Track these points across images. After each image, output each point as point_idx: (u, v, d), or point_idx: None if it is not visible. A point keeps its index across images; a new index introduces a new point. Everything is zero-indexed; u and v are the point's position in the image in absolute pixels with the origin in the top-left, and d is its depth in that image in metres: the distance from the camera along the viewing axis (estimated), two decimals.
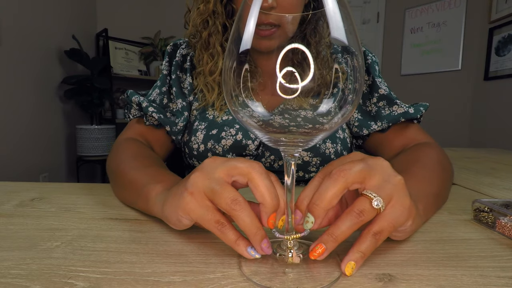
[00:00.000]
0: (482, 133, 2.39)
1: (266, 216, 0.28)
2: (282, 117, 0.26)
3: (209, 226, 0.28)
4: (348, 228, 0.26)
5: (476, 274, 0.27)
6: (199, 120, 0.61)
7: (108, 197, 0.48)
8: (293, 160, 0.28)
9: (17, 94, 2.00)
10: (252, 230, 0.26)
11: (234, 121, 0.59)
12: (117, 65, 2.82)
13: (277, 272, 0.27)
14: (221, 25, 0.58)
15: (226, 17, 0.58)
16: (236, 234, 0.28)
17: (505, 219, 0.35)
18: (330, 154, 0.59)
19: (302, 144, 0.27)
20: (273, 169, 0.60)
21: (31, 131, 2.12)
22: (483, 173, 0.76)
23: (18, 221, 0.38)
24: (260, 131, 0.26)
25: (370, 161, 0.28)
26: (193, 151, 0.60)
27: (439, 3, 2.55)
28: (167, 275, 0.26)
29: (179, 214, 0.29)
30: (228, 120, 0.59)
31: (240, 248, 0.27)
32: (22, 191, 0.51)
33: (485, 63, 2.34)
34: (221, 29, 0.58)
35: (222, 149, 0.58)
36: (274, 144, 0.27)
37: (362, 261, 0.27)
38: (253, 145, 0.57)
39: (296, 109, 0.26)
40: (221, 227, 0.27)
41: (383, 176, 0.28)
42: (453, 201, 0.49)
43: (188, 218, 0.29)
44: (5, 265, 0.27)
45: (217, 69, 0.58)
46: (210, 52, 0.59)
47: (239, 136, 0.57)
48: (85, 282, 0.25)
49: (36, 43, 2.13)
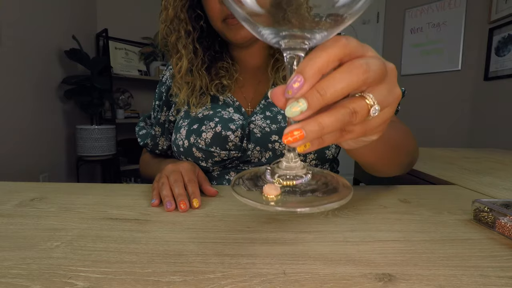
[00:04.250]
0: (482, 133, 2.39)
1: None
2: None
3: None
4: (336, 121, 0.21)
5: (476, 274, 0.27)
6: (183, 118, 0.64)
7: (108, 197, 0.48)
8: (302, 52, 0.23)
9: (17, 94, 1.99)
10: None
11: (214, 115, 0.61)
12: (117, 65, 2.81)
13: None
14: (185, 31, 0.60)
15: (190, 21, 0.61)
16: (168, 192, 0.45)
17: (505, 219, 0.35)
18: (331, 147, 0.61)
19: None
20: (261, 164, 0.60)
21: (31, 131, 2.12)
22: (483, 173, 0.76)
23: (18, 221, 0.38)
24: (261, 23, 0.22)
25: (387, 63, 0.24)
26: (180, 148, 0.62)
27: (439, 3, 2.55)
28: (167, 275, 0.26)
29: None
30: (209, 114, 0.61)
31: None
32: (22, 191, 0.51)
33: (485, 63, 2.34)
34: (184, 34, 0.61)
35: (204, 143, 0.59)
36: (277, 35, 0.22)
37: (316, 142, 0.23)
38: (233, 136, 0.58)
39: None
40: (162, 185, 0.46)
41: (391, 85, 0.24)
42: (453, 201, 0.49)
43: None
44: (5, 265, 0.27)
45: (183, 68, 0.61)
46: (178, 56, 0.62)
47: (218, 128, 0.59)
48: (85, 282, 0.25)
49: (36, 43, 2.13)
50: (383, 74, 0.22)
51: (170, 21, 0.60)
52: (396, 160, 0.48)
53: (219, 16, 0.56)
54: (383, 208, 0.45)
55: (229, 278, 0.26)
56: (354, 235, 0.35)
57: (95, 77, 2.38)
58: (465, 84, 2.49)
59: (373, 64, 0.21)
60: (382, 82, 0.23)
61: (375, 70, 0.21)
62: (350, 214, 0.41)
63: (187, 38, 0.61)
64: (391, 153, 0.45)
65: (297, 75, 0.21)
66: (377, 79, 0.22)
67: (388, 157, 0.45)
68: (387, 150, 0.44)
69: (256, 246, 0.32)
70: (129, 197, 0.48)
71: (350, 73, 0.21)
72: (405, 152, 0.50)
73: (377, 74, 0.22)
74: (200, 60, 0.62)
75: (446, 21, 2.53)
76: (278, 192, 0.23)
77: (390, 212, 0.43)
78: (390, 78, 0.24)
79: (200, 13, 0.61)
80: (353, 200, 0.48)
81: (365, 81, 0.21)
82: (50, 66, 2.29)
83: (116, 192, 0.51)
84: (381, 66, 0.22)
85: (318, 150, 0.59)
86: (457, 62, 2.49)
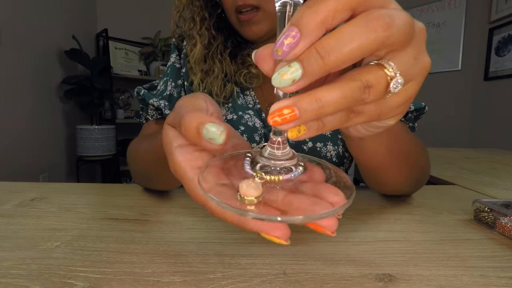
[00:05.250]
0: (482, 133, 2.39)
1: None
2: None
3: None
4: (342, 98, 0.16)
5: (476, 274, 0.27)
6: None
7: (108, 197, 0.48)
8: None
9: (17, 94, 1.99)
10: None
11: (238, 122, 0.56)
12: (117, 65, 2.81)
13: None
14: (200, 17, 0.57)
15: (206, 7, 0.57)
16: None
17: (505, 219, 0.35)
18: (332, 157, 0.57)
19: None
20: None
21: (31, 131, 2.12)
22: (483, 173, 0.76)
23: (18, 221, 0.38)
24: None
25: (415, 21, 0.17)
26: None
27: (439, 3, 2.55)
28: (167, 275, 0.26)
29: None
30: (233, 120, 0.56)
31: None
32: (22, 191, 0.51)
33: (485, 63, 2.34)
34: (199, 20, 0.57)
35: None
36: None
37: (315, 126, 0.17)
38: (258, 148, 0.55)
39: None
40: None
41: (418, 51, 0.18)
42: (453, 201, 0.49)
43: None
44: (5, 265, 0.27)
45: (196, 54, 0.57)
46: (193, 42, 0.58)
47: (244, 139, 0.55)
48: (85, 282, 0.25)
49: (36, 43, 2.13)
50: (409, 34, 0.16)
51: (184, 7, 0.57)
52: (404, 169, 0.41)
53: (232, 6, 0.53)
54: (383, 208, 0.44)
55: (229, 278, 0.26)
56: (355, 235, 0.35)
57: (95, 77, 2.38)
58: (465, 84, 2.49)
59: (397, 18, 0.15)
60: (407, 46, 0.17)
61: (400, 27, 0.15)
62: (350, 214, 0.41)
63: (202, 24, 0.57)
64: (399, 158, 0.38)
65: (291, 27, 0.15)
66: (402, 41, 0.16)
67: (396, 162, 0.38)
68: (396, 152, 0.36)
69: (256, 246, 0.32)
70: (129, 197, 0.48)
71: (365, 29, 0.15)
72: (415, 162, 0.43)
73: (402, 33, 0.16)
74: (219, 45, 0.57)
75: (446, 21, 2.52)
76: (259, 191, 0.18)
77: (390, 212, 0.43)
78: (418, 42, 0.17)
79: (218, 1, 0.58)
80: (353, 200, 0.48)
81: (385, 42, 0.15)
82: (50, 66, 2.29)
83: (116, 192, 0.51)
84: (408, 22, 0.16)
85: (320, 155, 0.55)
86: (457, 62, 2.49)
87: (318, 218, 0.17)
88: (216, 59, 0.57)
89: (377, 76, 0.16)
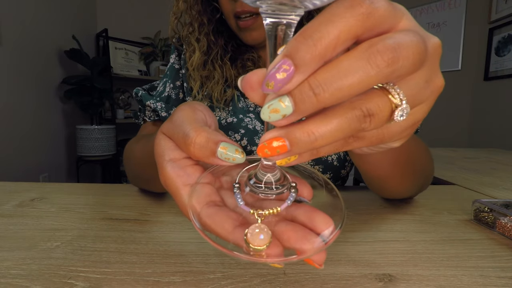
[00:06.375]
0: (482, 133, 2.39)
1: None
2: None
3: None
4: (337, 131, 0.14)
5: (476, 274, 0.27)
6: None
7: (108, 197, 0.48)
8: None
9: (17, 94, 2.00)
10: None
11: (239, 125, 0.56)
12: (117, 65, 2.81)
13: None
14: (198, 23, 0.56)
15: (205, 13, 0.57)
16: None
17: (505, 219, 0.35)
18: (333, 161, 0.56)
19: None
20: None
21: (31, 131, 2.12)
22: (483, 173, 0.76)
23: (18, 221, 0.38)
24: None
25: (429, 37, 0.16)
26: None
27: (439, 3, 2.55)
28: (167, 275, 0.26)
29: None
30: (233, 123, 0.56)
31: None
32: (22, 191, 0.51)
33: (485, 63, 2.34)
34: (197, 26, 0.56)
35: None
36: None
37: (307, 154, 0.17)
38: None
39: None
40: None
41: (431, 72, 0.16)
42: (453, 201, 0.49)
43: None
44: (5, 265, 0.27)
45: (195, 61, 0.56)
46: (191, 49, 0.57)
47: (244, 142, 0.55)
48: (85, 282, 0.25)
49: (36, 43, 2.13)
50: (419, 62, 0.14)
51: (182, 13, 0.56)
52: (409, 177, 0.39)
53: (231, 12, 0.53)
54: (383, 208, 0.44)
55: (229, 278, 0.26)
56: (354, 235, 0.35)
57: (95, 77, 2.38)
58: (465, 84, 2.49)
59: (405, 47, 0.14)
60: (418, 70, 0.15)
61: (408, 58, 0.14)
62: (350, 214, 0.41)
63: (200, 30, 0.56)
64: (405, 167, 0.37)
65: (285, 59, 0.13)
66: (410, 72, 0.14)
67: (401, 171, 0.37)
68: (401, 162, 0.35)
69: None
70: (129, 197, 0.48)
71: (366, 63, 0.13)
72: (421, 170, 0.42)
73: (411, 64, 0.14)
74: (218, 50, 0.57)
75: (446, 21, 2.52)
76: (268, 240, 0.17)
77: (390, 212, 0.43)
78: (431, 63, 0.15)
79: (217, 6, 0.57)
80: (353, 200, 0.48)
81: (388, 77, 0.14)
82: (50, 66, 2.29)
83: (116, 192, 0.51)
84: (418, 49, 0.14)
85: (320, 160, 0.54)
86: (457, 62, 2.49)
87: (310, 256, 0.17)
88: (216, 64, 0.57)
89: (380, 103, 0.14)
